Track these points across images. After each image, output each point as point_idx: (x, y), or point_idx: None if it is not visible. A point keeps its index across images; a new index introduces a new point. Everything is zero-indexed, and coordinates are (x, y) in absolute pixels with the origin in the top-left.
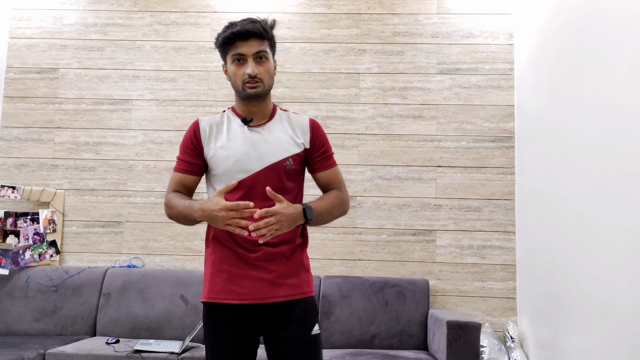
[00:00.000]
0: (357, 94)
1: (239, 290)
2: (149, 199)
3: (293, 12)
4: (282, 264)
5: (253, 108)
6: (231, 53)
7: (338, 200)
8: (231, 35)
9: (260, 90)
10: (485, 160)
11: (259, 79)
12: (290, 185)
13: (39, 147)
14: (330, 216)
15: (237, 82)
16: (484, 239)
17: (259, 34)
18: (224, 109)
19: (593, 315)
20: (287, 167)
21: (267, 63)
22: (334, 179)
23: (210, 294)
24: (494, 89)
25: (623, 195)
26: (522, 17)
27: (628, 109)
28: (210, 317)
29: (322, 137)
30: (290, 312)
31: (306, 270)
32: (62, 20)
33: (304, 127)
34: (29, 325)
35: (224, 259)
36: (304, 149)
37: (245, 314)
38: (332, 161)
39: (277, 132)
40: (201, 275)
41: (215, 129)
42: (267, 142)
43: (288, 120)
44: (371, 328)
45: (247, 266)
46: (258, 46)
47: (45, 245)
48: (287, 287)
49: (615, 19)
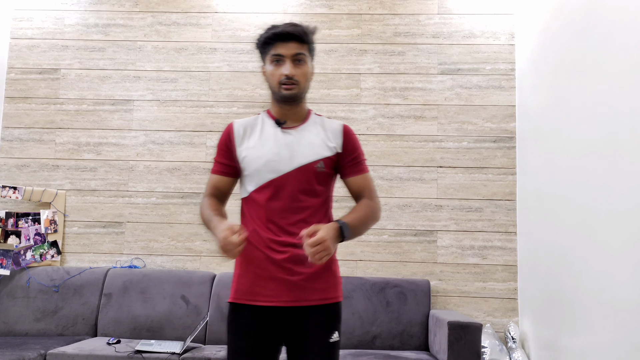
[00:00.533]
0: (358, 94)
1: (264, 292)
2: (150, 200)
3: (294, 12)
4: (308, 267)
5: (287, 111)
6: (270, 53)
7: (370, 210)
8: (272, 36)
9: (296, 93)
10: (486, 161)
11: (295, 81)
12: (320, 189)
13: (40, 147)
14: (364, 228)
15: (274, 83)
16: (485, 240)
17: (298, 37)
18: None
19: (595, 315)
20: (318, 169)
21: (304, 66)
22: (364, 185)
23: (236, 295)
24: (495, 89)
25: (625, 195)
26: (523, 18)
27: (629, 109)
28: (234, 317)
29: (354, 142)
30: (312, 317)
31: (333, 275)
32: (63, 20)
33: (336, 132)
34: (30, 326)
35: (251, 260)
36: (335, 152)
37: (269, 316)
38: (364, 167)
39: (310, 135)
40: (202, 276)
41: (249, 131)
42: (300, 144)
43: (322, 124)
44: (372, 328)
45: (274, 268)
46: (297, 49)
47: (47, 246)
48: (313, 291)
49: (616, 19)
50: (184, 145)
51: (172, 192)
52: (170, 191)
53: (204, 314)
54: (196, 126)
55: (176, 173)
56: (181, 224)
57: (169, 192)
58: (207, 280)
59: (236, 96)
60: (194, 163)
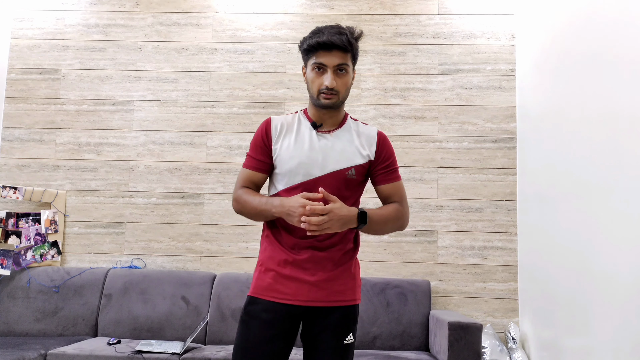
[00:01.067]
0: (358, 94)
1: (283, 289)
2: (151, 200)
3: (295, 12)
4: (328, 269)
5: (324, 115)
6: (312, 60)
7: (396, 214)
8: (315, 45)
9: (335, 102)
10: (486, 161)
11: (335, 92)
12: (347, 194)
13: (40, 147)
14: (385, 227)
15: (314, 90)
16: (485, 240)
17: (343, 47)
18: (296, 111)
19: (595, 316)
20: (349, 176)
21: (346, 76)
22: (395, 193)
23: (255, 290)
24: (495, 89)
25: (625, 195)
26: (523, 18)
27: (630, 110)
28: (250, 308)
29: (388, 150)
30: (328, 318)
31: (353, 277)
32: (64, 21)
33: (371, 139)
34: (30, 326)
35: (272, 258)
36: (368, 160)
37: (285, 314)
38: (396, 175)
39: (344, 141)
40: (202, 276)
41: (285, 128)
42: (333, 149)
43: (357, 130)
44: (373, 329)
45: (294, 268)
46: (340, 59)
47: (47, 246)
48: (330, 293)
49: (616, 20)
50: (184, 145)
51: (173, 193)
52: (170, 191)
53: (204, 314)
54: (197, 126)
55: (177, 173)
56: (181, 224)
57: (169, 192)
58: (208, 281)
59: (237, 96)
60: (195, 163)
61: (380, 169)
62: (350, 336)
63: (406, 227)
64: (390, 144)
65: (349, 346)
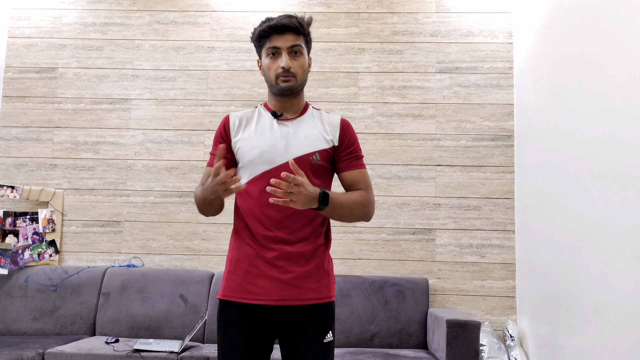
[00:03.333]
0: (356, 92)
1: (254, 289)
2: (148, 199)
3: (292, 11)
4: (301, 265)
5: (285, 103)
6: (266, 46)
7: (362, 200)
8: (267, 29)
9: (293, 85)
10: (484, 159)
11: (292, 73)
12: (317, 182)
13: (37, 146)
14: (350, 213)
15: (271, 76)
16: (483, 238)
17: (294, 29)
18: (256, 105)
19: (593, 313)
20: (314, 161)
21: (301, 58)
22: (360, 180)
23: (225, 292)
24: (493, 87)
25: (623, 193)
26: (521, 16)
27: (627, 107)
28: (223, 315)
29: (351, 136)
30: (305, 317)
31: (327, 274)
32: (61, 19)
33: (334, 125)
34: (28, 325)
35: (242, 257)
36: (332, 145)
37: (259, 315)
38: (361, 162)
39: (307, 127)
40: (200, 275)
41: (244, 122)
42: (295, 136)
43: (319, 117)
44: (371, 327)
45: (265, 265)
46: (293, 40)
47: (45, 245)
48: (305, 291)
49: (614, 17)
50: (182, 144)
51: (171, 191)
52: (168, 190)
53: (202, 312)
54: (194, 125)
55: (174, 172)
56: (179, 222)
57: (167, 191)
58: (206, 279)
59: (234, 95)
60: (192, 162)
61: (344, 155)
62: (330, 334)
63: (372, 216)
64: (354, 131)
65: (329, 344)
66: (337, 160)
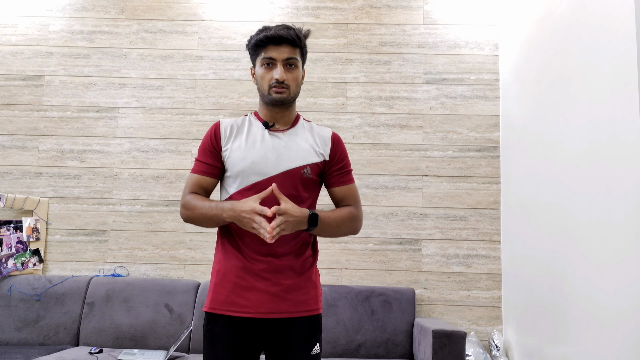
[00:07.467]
0: (344, 103)
1: (242, 302)
2: (135, 207)
3: (280, 21)
4: (289, 277)
5: (276, 114)
6: (261, 56)
7: (349, 216)
8: (264, 39)
9: (286, 97)
10: (471, 170)
11: (285, 85)
12: (305, 195)
13: (23, 154)
14: (338, 230)
15: (264, 86)
16: (469, 248)
17: (292, 41)
18: (247, 113)
19: (578, 323)
20: (304, 174)
21: (296, 71)
22: (349, 196)
23: (212, 304)
24: (479, 99)
25: (607, 203)
26: (506, 29)
27: (611, 118)
28: (210, 327)
29: (342, 151)
30: (292, 329)
31: (314, 286)
32: (48, 27)
33: (325, 139)
34: (11, 335)
35: (229, 269)
36: (323, 159)
37: (247, 328)
38: (350, 177)
39: (298, 140)
40: (186, 284)
41: (235, 130)
42: (287, 148)
43: (310, 130)
44: (357, 337)
45: (253, 278)
46: (289, 53)
47: (29, 254)
48: (293, 303)
49: (597, 30)
50: (169, 153)
51: (157, 200)
52: (155, 199)
53: (187, 322)
54: (182, 134)
55: (161, 181)
56: (165, 232)
57: (153, 199)
58: (191, 289)
59: (222, 104)
60: (179, 171)
61: (335, 170)
62: (317, 346)
63: (360, 230)
64: (344, 146)
65: (317, 356)
66: (327, 175)
